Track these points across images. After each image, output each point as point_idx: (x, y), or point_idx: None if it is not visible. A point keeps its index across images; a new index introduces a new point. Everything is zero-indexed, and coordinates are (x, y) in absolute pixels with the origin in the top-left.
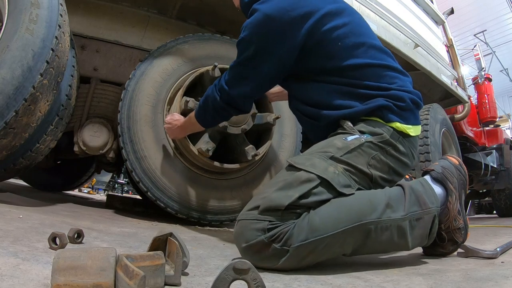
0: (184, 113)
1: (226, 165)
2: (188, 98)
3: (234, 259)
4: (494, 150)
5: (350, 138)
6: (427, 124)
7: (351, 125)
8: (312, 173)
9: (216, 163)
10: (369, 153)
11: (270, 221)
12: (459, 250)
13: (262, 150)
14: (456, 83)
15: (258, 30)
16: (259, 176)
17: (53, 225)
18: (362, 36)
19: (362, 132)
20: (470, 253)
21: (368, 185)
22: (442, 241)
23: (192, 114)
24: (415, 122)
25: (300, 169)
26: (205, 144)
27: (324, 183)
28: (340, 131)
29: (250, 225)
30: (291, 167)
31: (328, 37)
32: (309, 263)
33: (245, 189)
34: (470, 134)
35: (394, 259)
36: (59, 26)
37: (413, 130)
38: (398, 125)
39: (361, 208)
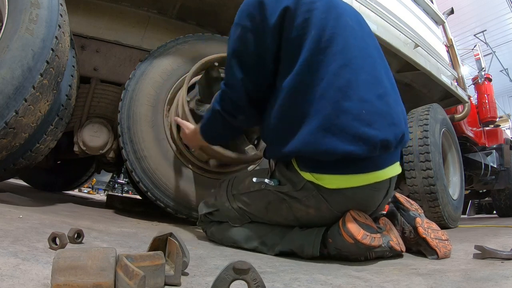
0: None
1: (242, 156)
2: (188, 98)
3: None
4: (494, 150)
5: (255, 180)
6: (427, 124)
7: (274, 164)
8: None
9: (234, 154)
10: (267, 200)
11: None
12: (475, 251)
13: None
14: (456, 83)
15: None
16: None
17: (53, 225)
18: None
19: (273, 177)
20: (487, 254)
21: (268, 220)
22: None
23: (197, 129)
24: (350, 170)
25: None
26: None
27: (219, 211)
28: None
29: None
30: (217, 188)
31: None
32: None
33: None
34: (470, 134)
35: (394, 259)
36: (59, 26)
37: (337, 182)
38: (309, 176)
39: (237, 239)
